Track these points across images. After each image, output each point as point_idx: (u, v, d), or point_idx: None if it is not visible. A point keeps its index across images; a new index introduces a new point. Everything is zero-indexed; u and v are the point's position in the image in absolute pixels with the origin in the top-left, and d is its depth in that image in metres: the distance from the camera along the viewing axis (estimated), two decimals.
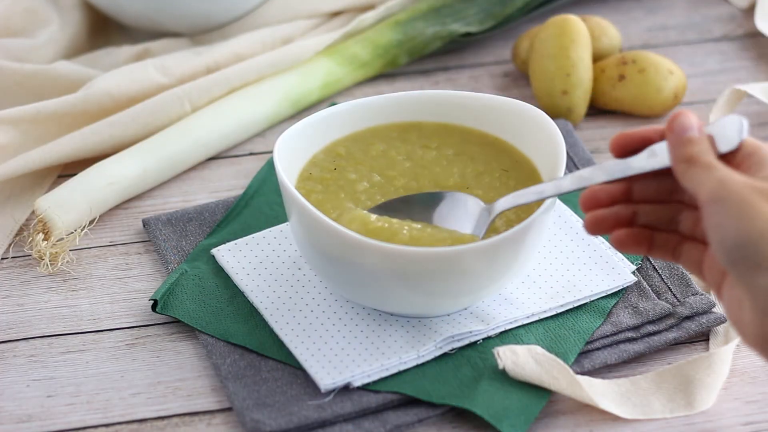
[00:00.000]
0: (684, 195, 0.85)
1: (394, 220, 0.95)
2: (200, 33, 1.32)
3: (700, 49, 1.33)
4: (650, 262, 1.05)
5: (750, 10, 1.38)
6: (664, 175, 0.85)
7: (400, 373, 0.96)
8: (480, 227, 0.95)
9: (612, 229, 0.86)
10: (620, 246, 0.86)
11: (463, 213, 0.96)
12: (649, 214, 0.86)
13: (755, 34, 1.35)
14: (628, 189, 0.86)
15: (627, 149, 0.86)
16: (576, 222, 1.08)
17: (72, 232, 1.09)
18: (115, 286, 1.06)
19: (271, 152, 1.20)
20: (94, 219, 1.11)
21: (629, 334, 0.99)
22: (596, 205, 0.86)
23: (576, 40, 1.20)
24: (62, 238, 1.08)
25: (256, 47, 1.27)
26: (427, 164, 1.04)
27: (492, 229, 0.97)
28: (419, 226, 0.94)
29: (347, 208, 0.99)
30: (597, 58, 1.25)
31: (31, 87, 1.23)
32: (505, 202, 0.94)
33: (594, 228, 0.86)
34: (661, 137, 0.85)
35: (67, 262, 1.08)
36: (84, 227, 1.10)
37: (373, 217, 0.95)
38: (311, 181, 1.02)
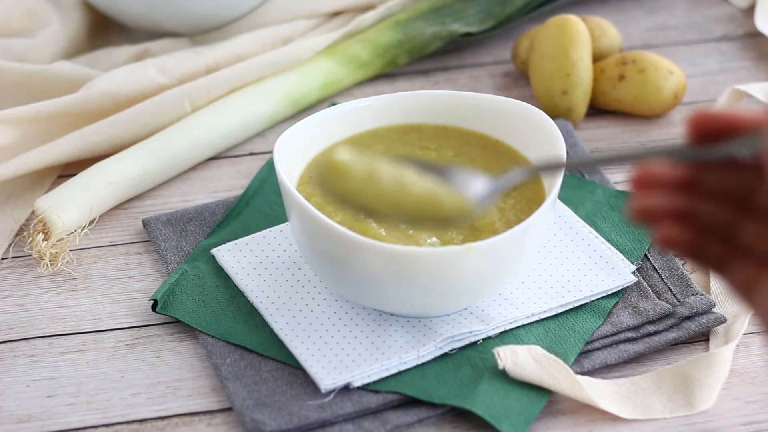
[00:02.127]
0: (758, 202, 0.69)
1: (385, 158, 0.79)
2: (200, 33, 1.32)
3: (700, 49, 1.33)
4: (650, 262, 1.05)
5: (750, 10, 1.37)
6: (741, 169, 0.69)
7: (400, 373, 0.96)
8: (488, 197, 0.79)
9: (660, 220, 0.70)
10: (666, 244, 0.70)
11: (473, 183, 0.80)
12: (707, 214, 0.70)
13: (755, 34, 1.35)
14: (693, 178, 0.70)
15: (707, 134, 0.68)
16: (576, 222, 1.07)
17: (72, 232, 1.09)
18: (115, 286, 1.06)
19: (271, 152, 1.20)
20: (94, 219, 1.11)
21: (629, 334, 0.99)
22: (652, 186, 0.70)
23: (576, 40, 1.20)
24: (62, 238, 1.08)
25: (256, 47, 1.27)
26: None
27: (492, 230, 0.97)
28: (421, 173, 0.79)
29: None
30: (597, 58, 1.25)
31: (30, 87, 1.23)
32: (520, 172, 0.78)
33: (641, 215, 0.70)
34: (754, 127, 0.68)
35: (67, 262, 1.08)
36: (84, 227, 1.09)
37: (349, 153, 0.79)
38: (311, 185, 1.01)
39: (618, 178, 1.16)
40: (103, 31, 1.35)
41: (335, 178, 0.78)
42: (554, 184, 0.97)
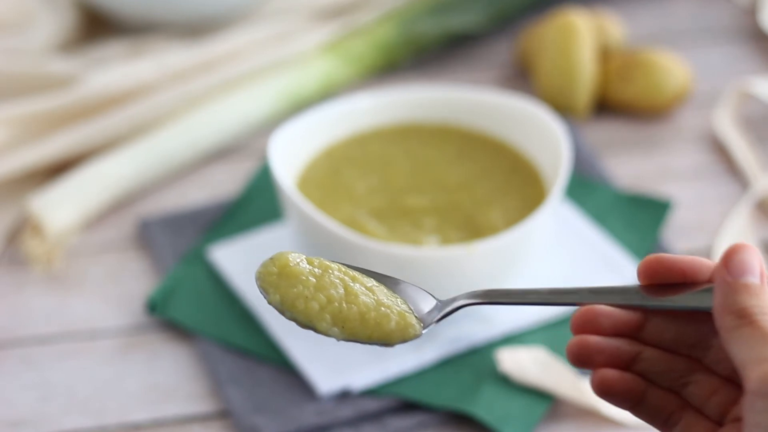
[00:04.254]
0: (708, 353, 0.65)
1: (334, 265, 0.73)
2: (197, 30, 1.31)
3: (705, 47, 1.33)
4: None
5: (755, 10, 1.37)
6: (693, 319, 0.65)
7: (400, 376, 0.95)
8: (432, 316, 0.72)
9: (601, 366, 0.65)
10: (604, 392, 0.65)
11: (422, 298, 0.74)
12: (654, 363, 0.65)
13: (760, 33, 1.35)
14: (640, 323, 0.66)
15: (659, 278, 0.65)
16: (579, 222, 1.06)
17: (66, 233, 1.08)
18: (110, 288, 1.05)
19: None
20: (89, 219, 1.10)
21: None
22: (592, 329, 0.65)
23: (579, 38, 1.19)
24: (56, 239, 1.07)
25: (253, 44, 1.26)
26: (428, 164, 1.03)
27: (494, 230, 0.96)
28: (371, 284, 0.73)
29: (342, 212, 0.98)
30: (601, 56, 1.24)
31: (24, 84, 1.22)
32: (468, 297, 0.71)
33: (579, 358, 0.65)
34: (708, 277, 0.64)
35: (62, 263, 1.06)
36: (79, 228, 1.08)
37: (298, 258, 0.72)
38: (309, 184, 1.00)
39: (624, 179, 1.15)
40: (97, 27, 1.35)
41: (285, 281, 0.71)
42: (557, 184, 0.95)
